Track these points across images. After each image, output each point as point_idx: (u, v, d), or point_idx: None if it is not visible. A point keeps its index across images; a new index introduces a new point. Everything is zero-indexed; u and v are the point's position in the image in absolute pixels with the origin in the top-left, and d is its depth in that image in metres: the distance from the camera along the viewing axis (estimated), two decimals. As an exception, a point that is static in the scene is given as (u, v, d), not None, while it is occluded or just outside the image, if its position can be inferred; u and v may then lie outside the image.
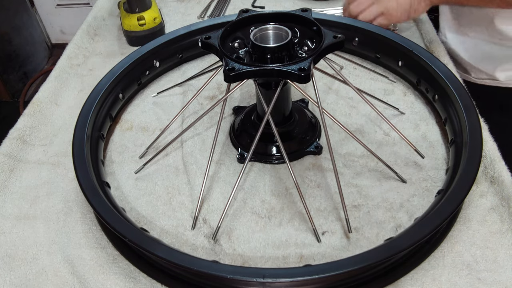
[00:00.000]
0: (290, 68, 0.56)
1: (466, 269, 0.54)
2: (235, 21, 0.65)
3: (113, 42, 1.02)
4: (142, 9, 0.95)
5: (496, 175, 0.63)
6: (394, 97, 0.80)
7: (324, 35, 0.60)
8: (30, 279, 0.57)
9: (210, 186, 0.67)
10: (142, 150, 0.73)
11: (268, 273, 0.48)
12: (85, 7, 2.23)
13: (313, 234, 0.60)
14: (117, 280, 0.56)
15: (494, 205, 0.61)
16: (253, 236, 0.60)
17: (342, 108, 0.79)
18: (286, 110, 0.70)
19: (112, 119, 0.77)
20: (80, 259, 0.59)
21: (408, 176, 0.66)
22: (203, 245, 0.60)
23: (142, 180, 0.69)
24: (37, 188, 0.69)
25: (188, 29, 0.86)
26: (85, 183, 0.60)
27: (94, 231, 0.62)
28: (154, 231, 0.61)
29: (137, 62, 0.81)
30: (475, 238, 0.58)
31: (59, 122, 0.80)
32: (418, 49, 0.76)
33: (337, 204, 0.63)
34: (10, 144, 0.74)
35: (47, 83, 0.86)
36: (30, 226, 0.63)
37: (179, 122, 0.79)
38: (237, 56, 0.64)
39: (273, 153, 0.70)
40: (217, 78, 0.75)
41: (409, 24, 0.99)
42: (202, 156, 0.72)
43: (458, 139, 0.64)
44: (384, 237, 0.59)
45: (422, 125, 0.74)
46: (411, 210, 0.62)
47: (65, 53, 0.95)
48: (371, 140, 0.72)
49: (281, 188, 0.66)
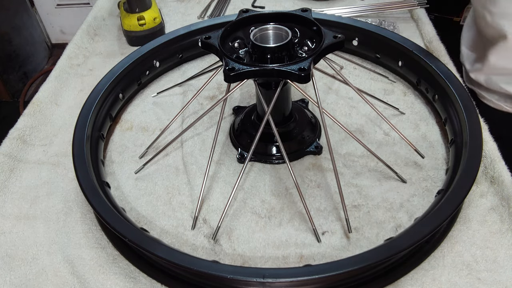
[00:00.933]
0: (290, 68, 0.56)
1: (466, 269, 0.54)
2: (235, 21, 0.65)
3: (113, 42, 1.02)
4: (142, 9, 0.95)
5: (496, 175, 0.63)
6: (394, 97, 0.80)
7: (324, 35, 0.60)
8: (30, 279, 0.57)
9: (210, 186, 0.67)
10: (142, 150, 0.73)
11: (268, 273, 0.48)
12: (85, 7, 2.23)
13: (313, 234, 0.60)
14: (117, 280, 0.56)
15: (494, 205, 0.61)
16: (253, 236, 0.60)
17: (342, 108, 0.79)
18: (286, 110, 0.70)
19: (112, 119, 0.77)
20: (80, 259, 0.59)
21: (408, 176, 0.66)
22: (203, 245, 0.60)
23: (142, 180, 0.69)
24: (37, 188, 0.69)
25: (188, 29, 0.86)
26: (85, 183, 0.60)
27: (94, 231, 0.62)
28: (154, 231, 0.61)
29: (137, 62, 0.81)
30: (475, 238, 0.58)
31: (59, 122, 0.80)
32: (418, 49, 0.76)
33: (337, 204, 0.63)
34: (10, 144, 0.74)
35: (47, 83, 0.86)
36: (30, 226, 0.63)
37: (179, 122, 0.79)
38: (237, 56, 0.64)
39: (273, 153, 0.70)
40: (217, 78, 0.75)
41: (409, 24, 0.99)
42: (202, 156, 0.72)
43: (458, 139, 0.64)
44: (384, 237, 0.59)
45: (422, 125, 0.74)
46: (411, 210, 0.62)
47: (65, 53, 0.95)
48: (371, 140, 0.72)
49: (281, 188, 0.66)
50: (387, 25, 0.96)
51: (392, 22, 0.97)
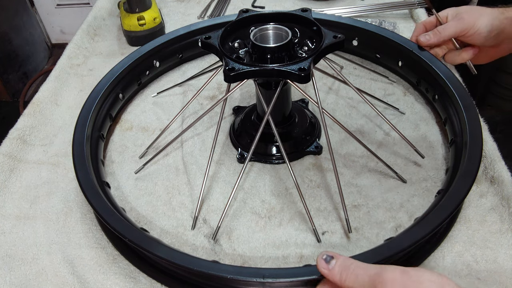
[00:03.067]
0: (290, 68, 0.56)
1: (466, 269, 0.54)
2: (235, 21, 0.65)
3: (113, 42, 1.02)
4: (142, 9, 0.95)
5: (496, 175, 0.63)
6: (394, 97, 0.80)
7: (324, 35, 0.60)
8: (30, 279, 0.57)
9: (210, 186, 0.67)
10: (142, 150, 0.73)
11: (268, 273, 0.48)
12: (85, 7, 2.22)
13: (313, 234, 0.60)
14: (117, 280, 0.56)
15: (494, 205, 0.61)
16: (253, 236, 0.60)
17: (342, 108, 0.79)
18: (286, 110, 0.70)
19: (112, 119, 0.77)
20: (80, 259, 0.59)
21: (408, 176, 0.66)
22: (203, 245, 0.60)
23: (142, 180, 0.69)
24: (37, 188, 0.69)
25: (188, 29, 0.86)
26: (85, 183, 0.60)
27: (94, 231, 0.62)
28: (154, 231, 0.61)
29: (137, 62, 0.81)
30: (475, 238, 0.58)
31: (59, 122, 0.80)
32: (418, 49, 0.76)
33: (337, 204, 0.63)
34: (10, 144, 0.74)
35: (47, 83, 0.86)
36: (30, 226, 0.63)
37: (179, 122, 0.79)
38: (237, 56, 0.64)
39: (273, 153, 0.70)
40: (217, 78, 0.75)
41: (409, 24, 0.99)
42: (202, 156, 0.72)
43: (458, 139, 0.64)
44: (384, 237, 0.59)
45: (422, 125, 0.74)
46: (411, 210, 0.62)
47: (65, 53, 0.95)
48: (371, 140, 0.72)
49: (281, 188, 0.66)
50: (387, 25, 0.96)
51: (392, 22, 0.97)
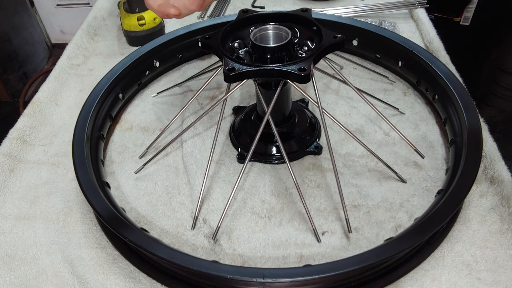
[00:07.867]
0: (290, 68, 0.56)
1: (466, 269, 0.54)
2: (235, 21, 0.65)
3: (113, 42, 1.02)
4: (142, 9, 0.95)
5: (496, 175, 0.63)
6: (394, 97, 0.80)
7: (324, 35, 0.60)
8: (30, 279, 0.57)
9: (210, 186, 0.67)
10: (142, 150, 0.73)
11: (268, 273, 0.48)
12: (85, 7, 2.23)
13: (313, 234, 0.60)
14: (117, 280, 0.56)
15: (494, 205, 0.61)
16: (253, 236, 0.60)
17: (342, 108, 0.79)
18: (286, 110, 0.70)
19: (112, 119, 0.77)
20: (80, 259, 0.59)
21: (408, 176, 0.66)
22: (203, 245, 0.60)
23: (142, 180, 0.69)
24: (37, 188, 0.69)
25: (188, 29, 0.86)
26: (85, 183, 0.60)
27: (94, 231, 0.62)
28: (154, 231, 0.61)
29: (137, 62, 0.81)
30: (475, 238, 0.58)
31: (59, 122, 0.80)
32: (418, 49, 0.76)
33: (337, 204, 0.63)
34: (10, 144, 0.74)
35: (47, 83, 0.86)
36: (30, 226, 0.63)
37: (179, 122, 0.79)
38: (237, 56, 0.64)
39: (273, 153, 0.70)
40: (217, 78, 0.75)
41: (409, 24, 0.99)
42: (202, 156, 0.72)
43: (458, 139, 0.64)
44: (384, 237, 0.59)
45: (422, 125, 0.74)
46: (411, 210, 0.62)
47: (65, 53, 0.95)
48: (371, 140, 0.72)
49: (281, 188, 0.66)
50: (387, 25, 0.96)
51: (392, 22, 0.97)
